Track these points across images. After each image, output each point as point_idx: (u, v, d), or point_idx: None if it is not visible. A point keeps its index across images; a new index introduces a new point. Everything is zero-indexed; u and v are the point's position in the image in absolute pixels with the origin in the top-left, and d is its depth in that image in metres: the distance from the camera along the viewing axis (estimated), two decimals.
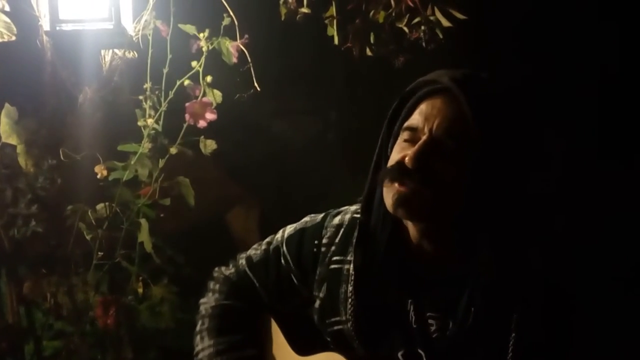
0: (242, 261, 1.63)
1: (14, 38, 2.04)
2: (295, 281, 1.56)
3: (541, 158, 1.36)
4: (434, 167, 1.29)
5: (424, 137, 1.31)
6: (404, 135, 1.35)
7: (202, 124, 2.05)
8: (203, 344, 1.57)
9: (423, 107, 1.34)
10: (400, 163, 1.32)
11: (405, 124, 1.36)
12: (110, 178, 2.06)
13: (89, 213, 2.08)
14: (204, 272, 1.76)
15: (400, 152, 1.35)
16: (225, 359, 1.53)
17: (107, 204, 2.10)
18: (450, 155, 1.30)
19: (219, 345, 1.55)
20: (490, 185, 1.29)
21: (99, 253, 2.09)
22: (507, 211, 1.30)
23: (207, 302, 1.63)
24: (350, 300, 1.44)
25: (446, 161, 1.30)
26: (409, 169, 1.30)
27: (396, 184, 1.32)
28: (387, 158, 1.40)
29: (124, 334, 2.17)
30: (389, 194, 1.33)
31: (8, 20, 2.04)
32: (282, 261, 1.57)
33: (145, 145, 2.05)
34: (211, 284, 1.66)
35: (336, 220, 1.53)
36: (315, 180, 2.71)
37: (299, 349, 1.56)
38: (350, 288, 1.44)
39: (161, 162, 2.07)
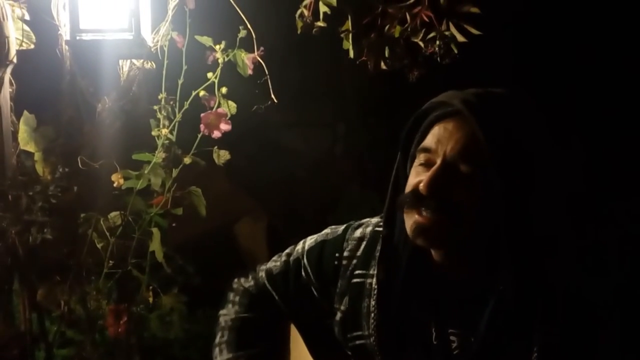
0: (262, 274, 1.63)
1: (32, 46, 2.07)
2: (315, 293, 1.57)
3: (558, 172, 1.34)
4: (450, 193, 1.29)
5: (437, 162, 1.31)
6: (420, 158, 1.35)
7: (216, 134, 2.06)
8: (222, 357, 1.57)
9: (436, 130, 1.34)
10: (415, 190, 1.32)
11: (420, 147, 1.35)
12: (123, 187, 2.07)
13: (102, 221, 2.09)
14: (213, 283, 1.76)
15: (416, 176, 1.35)
16: None
17: (120, 212, 2.10)
18: (465, 179, 1.29)
19: (238, 359, 1.55)
20: (506, 206, 1.27)
21: (110, 262, 2.09)
22: (525, 229, 1.29)
23: (227, 314, 1.63)
24: (373, 314, 1.43)
25: (461, 185, 1.29)
26: (423, 196, 1.30)
27: (415, 213, 1.32)
28: (406, 178, 1.39)
29: (134, 343, 2.17)
30: (408, 222, 1.33)
31: (27, 28, 2.07)
32: (303, 273, 1.57)
33: (159, 155, 2.06)
34: (231, 295, 1.67)
35: (357, 233, 1.53)
36: (324, 193, 2.70)
37: None
38: (373, 302, 1.44)
39: (174, 172, 2.08)
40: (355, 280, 1.49)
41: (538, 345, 1.28)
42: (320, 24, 2.01)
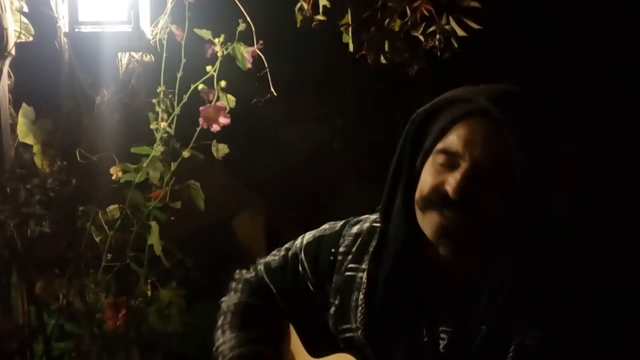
0: (261, 267, 1.65)
1: (31, 39, 2.07)
2: (311, 288, 1.58)
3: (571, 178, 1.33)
4: (476, 198, 1.27)
5: (465, 166, 1.27)
6: (440, 158, 1.31)
7: (215, 128, 2.05)
8: (224, 337, 1.58)
9: (461, 130, 1.29)
10: (441, 193, 1.29)
11: (441, 146, 1.31)
12: (122, 180, 2.07)
13: (100, 215, 2.09)
14: (212, 277, 1.76)
15: (436, 176, 1.31)
16: (246, 351, 1.54)
17: (118, 205, 2.10)
18: (493, 183, 1.27)
19: (240, 338, 1.56)
20: (525, 212, 1.27)
21: (108, 255, 2.10)
22: (534, 237, 1.29)
23: (229, 300, 1.65)
24: (360, 308, 1.44)
25: (488, 191, 1.27)
26: (451, 200, 1.27)
27: (437, 214, 1.29)
28: (411, 170, 1.37)
29: (132, 336, 2.17)
30: (429, 222, 1.31)
31: (26, 21, 2.07)
32: (300, 268, 1.58)
33: (158, 149, 2.06)
34: (233, 284, 1.68)
35: (354, 229, 1.53)
36: (323, 187, 2.71)
37: (312, 351, 1.57)
38: (361, 296, 1.44)
39: (173, 166, 2.08)
40: (347, 274, 1.49)
41: (515, 345, 1.28)
42: (320, 17, 2.00)
